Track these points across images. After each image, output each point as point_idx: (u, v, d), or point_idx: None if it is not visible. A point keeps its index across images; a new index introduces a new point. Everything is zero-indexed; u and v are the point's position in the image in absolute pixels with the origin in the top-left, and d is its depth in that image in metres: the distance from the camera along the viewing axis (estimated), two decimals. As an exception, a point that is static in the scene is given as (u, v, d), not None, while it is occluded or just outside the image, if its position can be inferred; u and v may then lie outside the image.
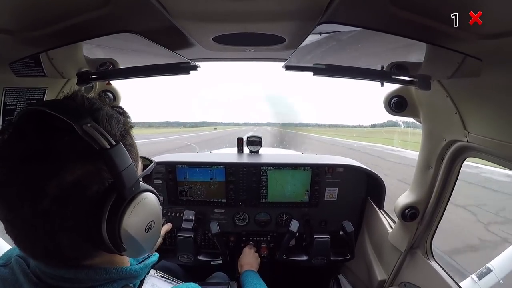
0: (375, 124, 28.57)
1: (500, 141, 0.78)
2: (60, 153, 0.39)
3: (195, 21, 0.71)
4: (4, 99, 0.86)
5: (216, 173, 1.64)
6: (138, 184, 0.46)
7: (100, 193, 0.41)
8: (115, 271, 0.47)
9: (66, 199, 0.39)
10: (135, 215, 0.44)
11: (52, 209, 0.38)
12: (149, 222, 0.47)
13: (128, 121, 0.50)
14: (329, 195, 1.67)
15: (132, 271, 0.50)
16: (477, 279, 1.57)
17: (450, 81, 0.90)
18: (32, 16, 0.61)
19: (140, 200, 0.45)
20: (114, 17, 0.63)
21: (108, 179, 0.42)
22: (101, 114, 0.44)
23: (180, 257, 1.55)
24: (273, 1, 0.61)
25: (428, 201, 1.18)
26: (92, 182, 0.40)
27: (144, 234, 0.46)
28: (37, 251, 0.42)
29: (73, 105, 0.43)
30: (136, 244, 0.45)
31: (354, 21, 0.57)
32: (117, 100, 1.35)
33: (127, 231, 0.43)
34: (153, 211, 0.48)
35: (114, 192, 0.42)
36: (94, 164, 0.41)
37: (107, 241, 0.42)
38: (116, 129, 0.45)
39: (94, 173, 0.41)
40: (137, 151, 0.52)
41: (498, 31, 0.54)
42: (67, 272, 0.44)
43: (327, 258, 1.57)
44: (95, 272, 0.45)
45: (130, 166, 0.43)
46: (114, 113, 0.47)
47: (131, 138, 0.49)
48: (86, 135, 0.39)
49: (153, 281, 1.20)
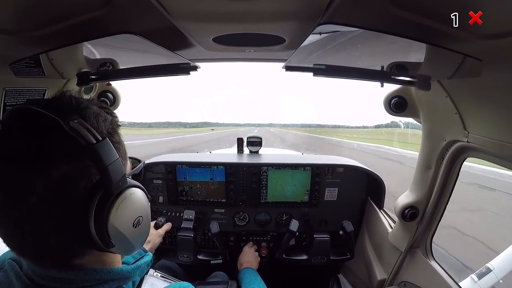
0: (380, 125, 28.14)
1: (500, 141, 0.78)
2: (47, 150, 0.39)
3: (195, 22, 0.71)
4: (4, 99, 0.86)
5: (216, 173, 1.64)
6: (125, 179, 0.46)
7: (87, 189, 0.41)
8: (105, 272, 0.47)
9: (54, 196, 0.39)
10: (122, 210, 0.44)
11: (39, 206, 0.38)
12: (137, 218, 0.47)
13: (116, 120, 0.50)
14: (329, 195, 1.67)
15: (123, 272, 0.50)
16: (477, 278, 1.57)
17: (450, 81, 0.90)
18: (32, 16, 0.61)
19: (127, 195, 0.45)
20: (114, 18, 0.63)
21: (96, 175, 0.42)
22: (88, 112, 0.44)
23: (180, 256, 1.55)
24: (273, 1, 0.61)
25: (428, 201, 1.18)
26: (79, 178, 0.40)
27: (133, 229, 0.46)
28: (26, 250, 0.42)
29: (61, 104, 0.43)
30: (125, 239, 0.45)
31: (354, 22, 0.57)
32: (117, 100, 1.35)
33: (115, 226, 0.43)
34: (141, 207, 0.48)
35: (101, 187, 0.42)
36: (81, 161, 0.41)
37: (95, 237, 0.42)
38: (103, 127, 0.45)
39: (81, 169, 0.41)
40: (125, 149, 0.52)
41: (498, 31, 0.54)
42: (58, 272, 0.44)
43: (326, 257, 1.58)
44: (85, 273, 0.45)
45: (117, 161, 0.43)
46: (102, 112, 0.47)
47: (119, 136, 0.50)
48: (73, 131, 0.39)
49: (152, 281, 1.21)
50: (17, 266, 0.47)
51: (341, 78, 1.01)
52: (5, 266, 0.48)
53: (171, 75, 1.12)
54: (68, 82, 1.07)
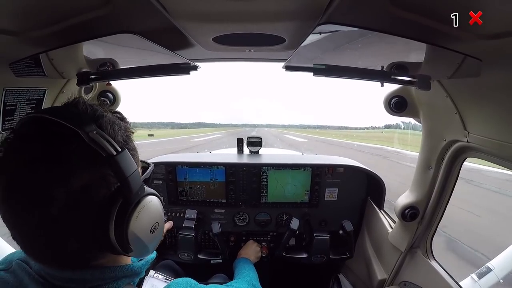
0: (390, 125, 27.68)
1: (500, 141, 0.78)
2: (67, 159, 0.39)
3: (195, 21, 0.71)
4: (4, 99, 0.86)
5: (216, 173, 1.64)
6: (143, 188, 0.47)
7: (107, 197, 0.42)
8: (119, 270, 0.49)
9: (75, 204, 0.39)
10: (141, 218, 0.45)
11: (61, 214, 0.39)
12: (154, 224, 0.49)
13: (129, 127, 0.51)
14: (329, 195, 1.67)
15: (134, 268, 0.52)
16: (477, 278, 1.57)
17: (450, 81, 0.90)
18: (33, 16, 0.61)
19: (146, 203, 0.47)
20: (114, 18, 0.63)
21: (114, 184, 0.43)
22: (105, 120, 0.45)
23: (180, 254, 1.56)
24: (273, 1, 0.61)
25: (428, 201, 1.18)
26: (99, 187, 0.41)
27: (150, 235, 0.48)
28: (46, 256, 0.43)
29: (76, 112, 0.44)
30: (142, 245, 0.47)
31: (354, 22, 0.57)
32: (117, 100, 1.35)
33: (135, 233, 0.44)
34: (157, 213, 0.50)
35: (121, 196, 0.43)
36: (101, 170, 0.42)
37: (115, 243, 0.43)
38: (119, 135, 0.46)
39: (101, 178, 0.42)
40: (138, 155, 0.53)
41: (498, 31, 0.54)
42: (73, 273, 0.45)
43: (326, 256, 1.58)
44: (100, 272, 0.46)
45: (136, 171, 0.44)
46: (116, 119, 0.48)
47: (133, 143, 0.51)
48: (92, 142, 0.40)
49: (153, 282, 1.20)
50: (27, 266, 0.48)
51: (341, 78, 1.01)
52: (13, 267, 0.49)
53: (171, 75, 1.12)
54: (68, 82, 1.07)
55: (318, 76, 1.00)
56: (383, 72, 0.93)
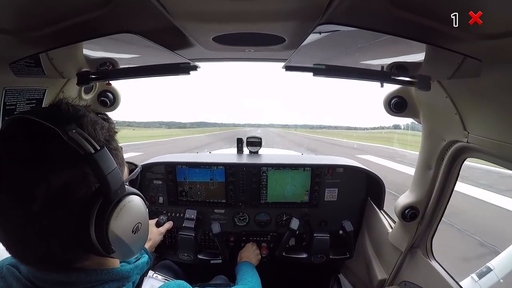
0: (398, 125, 27.65)
1: (500, 142, 0.78)
2: (47, 158, 0.40)
3: (195, 21, 0.71)
4: (4, 99, 0.86)
5: (216, 173, 1.64)
6: (124, 187, 0.47)
7: (87, 196, 0.42)
8: (105, 273, 0.49)
9: (55, 202, 0.40)
10: (121, 217, 0.45)
11: (42, 212, 0.39)
12: (136, 224, 0.48)
13: (112, 127, 0.51)
14: (329, 196, 1.67)
15: (122, 272, 0.51)
16: (477, 278, 1.57)
17: (450, 82, 0.90)
18: (32, 16, 0.61)
19: (126, 202, 0.46)
20: (114, 17, 0.63)
21: (95, 183, 0.43)
22: (86, 120, 0.45)
23: (180, 254, 1.56)
24: (273, 1, 0.61)
25: (428, 201, 1.18)
26: (80, 186, 0.42)
27: (132, 235, 0.48)
28: (29, 255, 0.43)
29: (58, 112, 0.44)
30: (124, 245, 0.47)
31: (354, 22, 0.57)
32: (117, 100, 1.35)
33: (115, 233, 0.44)
34: (140, 213, 0.49)
35: (101, 195, 0.43)
36: (81, 169, 0.42)
37: (96, 243, 0.43)
38: (101, 135, 0.46)
39: (81, 177, 0.42)
40: (122, 155, 0.53)
41: (498, 31, 0.54)
42: (59, 276, 0.45)
43: (326, 256, 1.58)
44: (86, 274, 0.46)
45: (115, 170, 0.45)
46: (99, 119, 0.48)
47: (116, 143, 0.51)
48: (71, 141, 0.40)
49: (152, 283, 1.20)
50: (16, 271, 0.48)
51: (341, 78, 1.00)
52: (3, 272, 0.49)
53: (171, 74, 1.12)
54: (68, 82, 1.07)
55: (318, 76, 1.00)
56: (383, 72, 0.93)
